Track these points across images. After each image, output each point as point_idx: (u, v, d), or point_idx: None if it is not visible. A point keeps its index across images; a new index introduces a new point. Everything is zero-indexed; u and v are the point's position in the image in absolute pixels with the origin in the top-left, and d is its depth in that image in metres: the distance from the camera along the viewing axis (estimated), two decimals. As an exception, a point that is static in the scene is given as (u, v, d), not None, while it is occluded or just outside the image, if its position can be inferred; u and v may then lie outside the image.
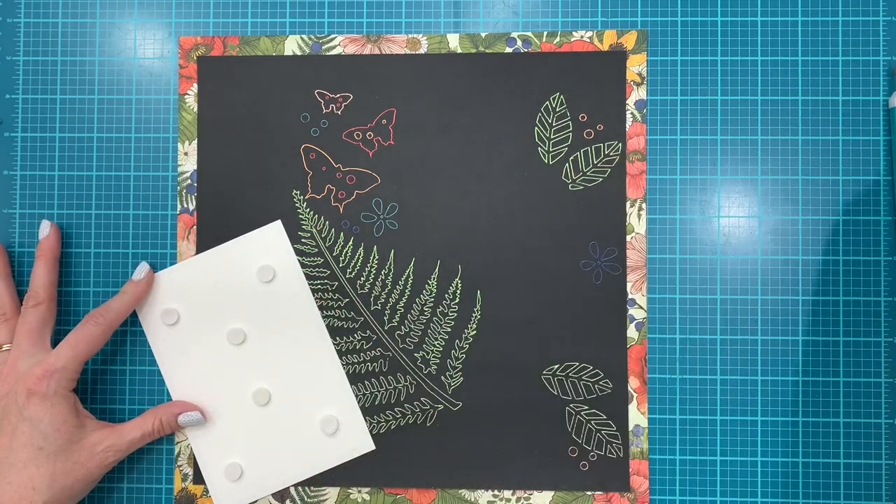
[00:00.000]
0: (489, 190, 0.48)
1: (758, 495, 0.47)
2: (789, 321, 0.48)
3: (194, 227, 0.49)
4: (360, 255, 0.49)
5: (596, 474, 0.48)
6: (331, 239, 0.49)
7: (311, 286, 0.48)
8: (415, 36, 0.49)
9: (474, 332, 0.48)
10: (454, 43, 0.49)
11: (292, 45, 0.49)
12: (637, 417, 0.48)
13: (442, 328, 0.48)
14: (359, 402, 0.48)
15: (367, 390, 0.48)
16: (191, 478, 0.48)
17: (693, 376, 0.48)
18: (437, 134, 0.49)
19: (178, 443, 0.49)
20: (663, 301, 0.48)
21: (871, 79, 0.48)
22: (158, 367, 0.48)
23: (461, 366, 0.48)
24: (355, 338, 0.49)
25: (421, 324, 0.48)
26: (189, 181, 0.49)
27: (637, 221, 0.48)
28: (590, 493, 0.48)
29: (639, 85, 0.48)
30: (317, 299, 0.48)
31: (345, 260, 0.49)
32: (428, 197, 0.48)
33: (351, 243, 0.49)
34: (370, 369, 0.48)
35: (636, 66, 0.48)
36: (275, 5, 0.49)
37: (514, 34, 0.49)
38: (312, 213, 0.49)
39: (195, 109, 0.49)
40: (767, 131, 0.48)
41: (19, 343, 0.45)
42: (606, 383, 0.48)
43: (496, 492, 0.48)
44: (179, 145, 0.49)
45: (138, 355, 0.49)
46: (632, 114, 0.48)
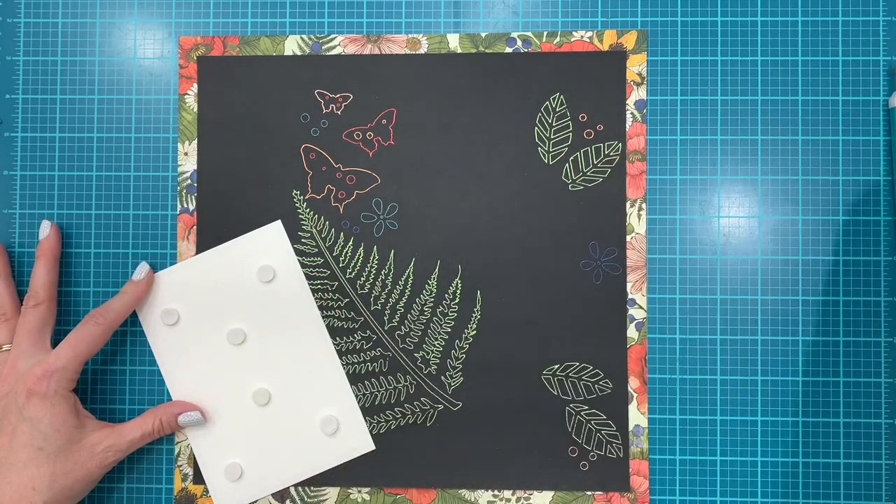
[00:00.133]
0: (489, 190, 0.48)
1: (758, 495, 0.47)
2: (789, 321, 0.48)
3: (194, 227, 0.49)
4: (360, 255, 0.49)
5: (596, 474, 0.48)
6: (331, 239, 0.49)
7: (311, 286, 0.48)
8: (415, 36, 0.49)
9: (474, 332, 0.48)
10: (454, 43, 0.49)
11: (292, 45, 0.49)
12: (637, 417, 0.48)
13: (442, 328, 0.48)
14: (359, 402, 0.48)
15: (367, 390, 0.48)
16: (191, 478, 0.48)
17: (693, 376, 0.48)
18: (437, 134, 0.49)
19: (178, 443, 0.49)
20: (663, 301, 0.48)
21: (871, 79, 0.48)
22: (158, 367, 0.48)
23: (461, 366, 0.48)
24: (355, 338, 0.49)
25: (421, 324, 0.48)
26: (189, 181, 0.49)
27: (637, 221, 0.48)
28: (590, 493, 0.48)
29: (639, 85, 0.48)
30: (317, 299, 0.48)
31: (345, 260, 0.49)
32: (428, 197, 0.48)
33: (351, 243, 0.49)
34: (370, 369, 0.48)
35: (636, 66, 0.48)
36: (275, 5, 0.49)
37: (514, 34, 0.49)
38: (312, 213, 0.49)
39: (195, 109, 0.49)
40: (767, 131, 0.48)
41: (19, 343, 0.45)
42: (606, 383, 0.48)
43: (496, 492, 0.48)
44: (179, 145, 0.49)
45: (138, 355, 0.49)
46: (632, 114, 0.48)
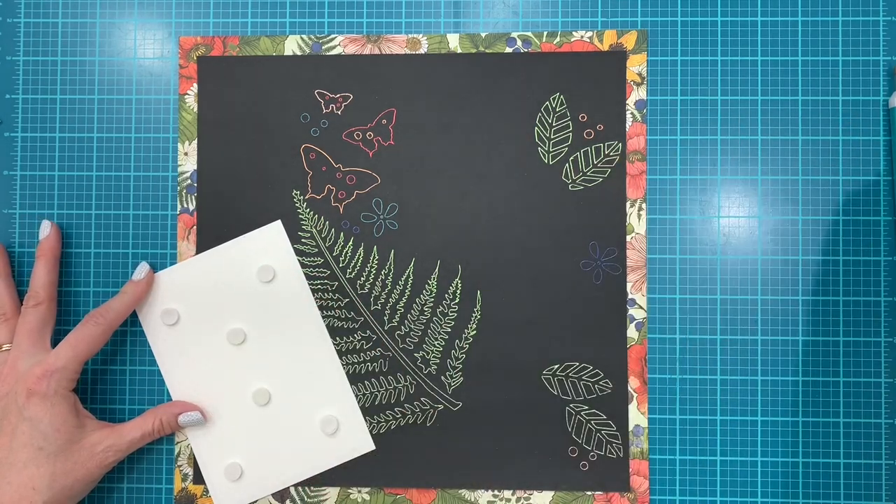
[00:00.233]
0: (489, 190, 0.48)
1: (758, 495, 0.47)
2: (789, 321, 0.48)
3: (194, 227, 0.49)
4: (360, 255, 0.49)
5: (596, 474, 0.48)
6: (331, 239, 0.49)
7: (311, 286, 0.48)
8: (415, 36, 0.49)
9: (474, 332, 0.48)
10: (454, 43, 0.49)
11: (292, 45, 0.49)
12: (637, 417, 0.48)
13: (442, 328, 0.48)
14: (359, 402, 0.48)
15: (367, 390, 0.48)
16: (191, 478, 0.48)
17: (693, 376, 0.48)
18: (437, 134, 0.49)
19: (178, 443, 0.49)
20: (663, 301, 0.48)
21: (871, 79, 0.48)
22: (158, 367, 0.48)
23: (461, 366, 0.48)
24: (355, 338, 0.48)
25: (421, 324, 0.48)
26: (189, 181, 0.49)
27: (637, 221, 0.48)
28: (590, 493, 0.47)
29: (639, 85, 0.48)
30: (317, 299, 0.48)
31: (345, 260, 0.49)
32: (428, 197, 0.48)
33: (351, 243, 0.49)
34: (370, 369, 0.48)
35: (636, 66, 0.48)
36: (275, 5, 0.49)
37: (514, 34, 0.49)
38: (312, 213, 0.49)
39: (195, 109, 0.49)
40: (767, 131, 0.48)
41: (19, 343, 0.45)
42: (606, 383, 0.48)
43: (496, 492, 0.48)
44: (179, 145, 0.49)
45: (138, 355, 0.49)
46: (632, 114, 0.48)
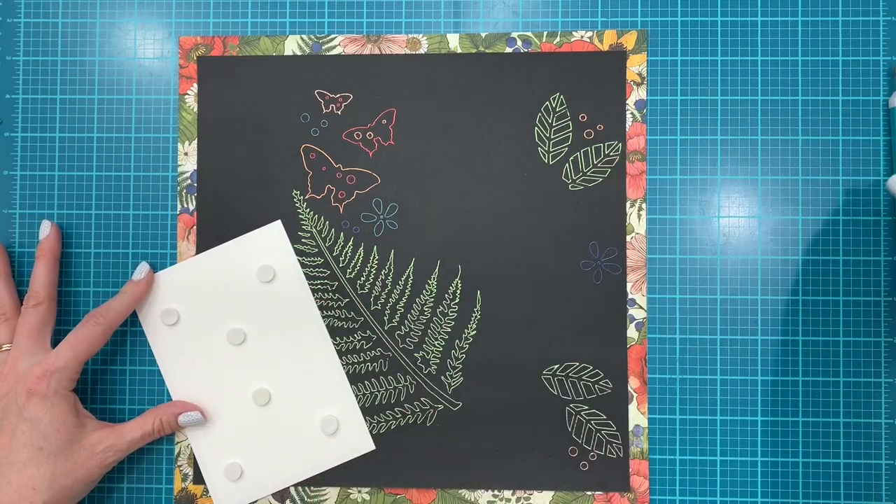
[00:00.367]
0: (489, 190, 0.48)
1: (758, 495, 0.47)
2: (789, 321, 0.48)
3: (194, 227, 0.49)
4: (360, 255, 0.49)
5: (596, 474, 0.48)
6: (331, 239, 0.49)
7: (311, 286, 0.48)
8: (415, 36, 0.49)
9: (474, 332, 0.48)
10: (454, 43, 0.49)
11: (292, 45, 0.49)
12: (637, 417, 0.48)
13: (442, 328, 0.48)
14: (359, 402, 0.48)
15: (367, 390, 0.48)
16: (191, 478, 0.48)
17: (693, 376, 0.48)
18: (437, 134, 0.49)
19: (178, 443, 0.49)
20: (663, 301, 0.48)
21: (871, 79, 0.48)
22: (158, 367, 0.48)
23: (461, 366, 0.48)
24: (355, 338, 0.48)
25: (421, 324, 0.48)
26: (189, 181, 0.49)
27: (637, 221, 0.48)
28: (590, 493, 0.47)
29: (639, 85, 0.48)
30: (317, 299, 0.48)
31: (345, 260, 0.49)
32: (428, 197, 0.48)
33: (351, 243, 0.49)
34: (370, 369, 0.48)
35: (636, 66, 0.48)
36: (275, 5, 0.49)
37: (514, 34, 0.49)
38: (312, 213, 0.49)
39: (195, 109, 0.49)
40: (767, 131, 0.48)
41: (19, 343, 0.45)
42: (606, 383, 0.48)
43: (496, 492, 0.48)
44: (179, 145, 0.49)
45: (138, 355, 0.49)
46: (632, 114, 0.48)
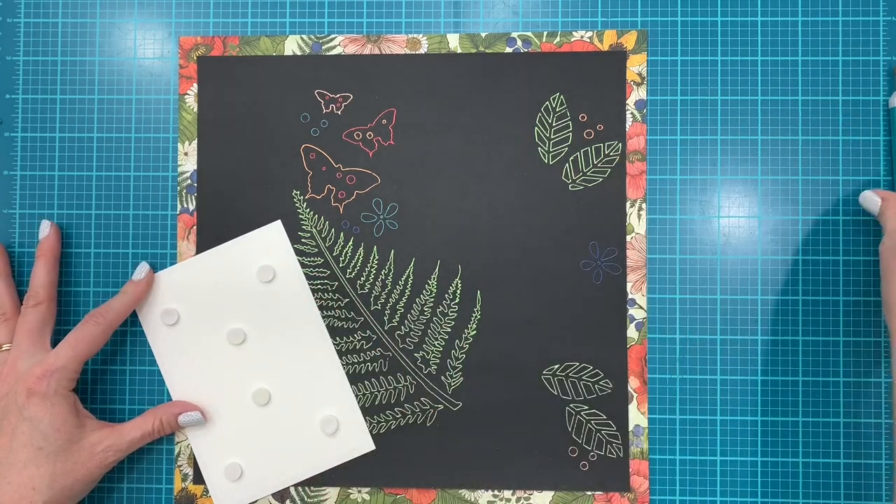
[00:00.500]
0: (489, 190, 0.48)
1: (758, 495, 0.47)
2: (789, 321, 0.48)
3: (194, 227, 0.49)
4: (360, 255, 0.49)
5: (596, 474, 0.48)
6: (331, 239, 0.49)
7: (311, 286, 0.48)
8: (415, 36, 0.49)
9: (474, 332, 0.48)
10: (454, 43, 0.49)
11: (292, 45, 0.49)
12: (637, 417, 0.48)
13: (442, 328, 0.48)
14: (359, 402, 0.48)
15: (367, 390, 0.48)
16: (191, 478, 0.48)
17: (693, 376, 0.48)
18: (437, 134, 0.49)
19: (178, 443, 0.49)
20: (663, 301, 0.48)
21: (871, 79, 0.48)
22: (158, 367, 0.48)
23: (461, 366, 0.48)
24: (355, 338, 0.48)
25: (421, 324, 0.48)
26: (189, 181, 0.49)
27: (637, 221, 0.48)
28: (590, 493, 0.47)
29: (639, 85, 0.48)
30: (317, 299, 0.48)
31: (345, 260, 0.49)
32: (428, 197, 0.48)
33: (351, 243, 0.49)
34: (370, 369, 0.48)
35: (636, 66, 0.48)
36: (275, 5, 0.49)
37: (514, 34, 0.49)
38: (312, 213, 0.49)
39: (195, 109, 0.49)
40: (767, 131, 0.48)
41: (19, 343, 0.45)
42: (606, 383, 0.48)
43: (496, 492, 0.48)
44: (179, 145, 0.49)
45: (138, 355, 0.49)
46: (632, 114, 0.48)
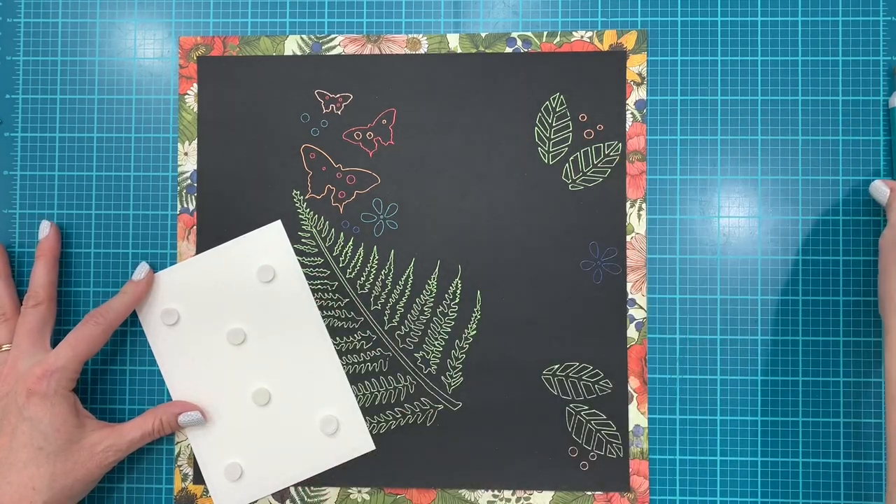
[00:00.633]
0: (489, 190, 0.48)
1: (757, 495, 0.47)
2: (789, 321, 0.48)
3: (194, 227, 0.49)
4: (360, 255, 0.49)
5: (596, 474, 0.48)
6: (331, 239, 0.49)
7: (311, 286, 0.48)
8: (415, 36, 0.49)
9: (474, 332, 0.48)
10: (454, 43, 0.49)
11: (292, 45, 0.49)
12: (637, 417, 0.48)
13: (442, 328, 0.48)
14: (359, 402, 0.48)
15: (367, 390, 0.48)
16: (191, 478, 0.48)
17: (693, 376, 0.48)
18: (437, 134, 0.49)
19: (178, 443, 0.49)
20: (663, 301, 0.48)
21: (871, 79, 0.48)
22: (158, 367, 0.48)
23: (461, 366, 0.48)
24: (355, 338, 0.48)
25: (421, 324, 0.48)
26: (189, 181, 0.49)
27: (637, 221, 0.48)
28: (590, 493, 0.47)
29: (639, 85, 0.48)
30: (317, 299, 0.48)
31: (345, 260, 0.49)
32: (428, 197, 0.48)
33: (351, 243, 0.49)
34: (370, 369, 0.48)
35: (636, 66, 0.48)
36: (275, 5, 0.49)
37: (514, 34, 0.49)
38: (312, 213, 0.49)
39: (195, 109, 0.49)
40: (767, 131, 0.48)
41: (19, 343, 0.45)
42: (606, 383, 0.48)
43: (496, 492, 0.48)
44: (179, 145, 0.49)
45: (138, 355, 0.49)
46: (632, 114, 0.48)
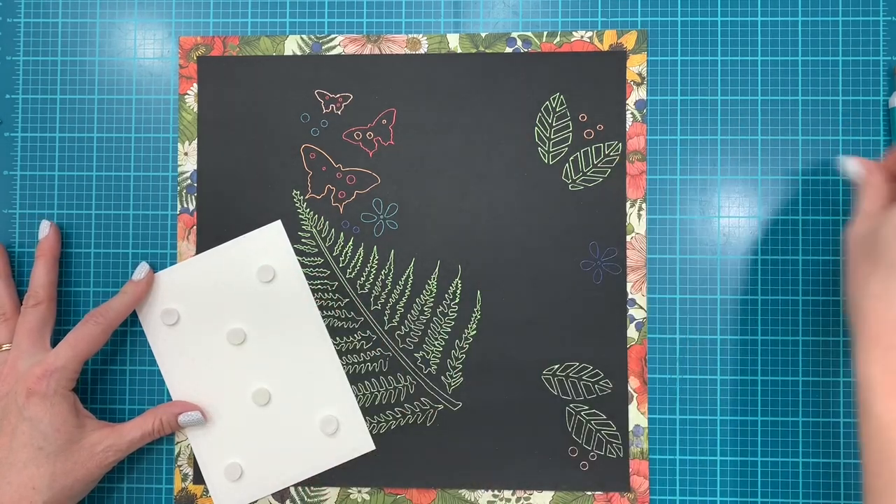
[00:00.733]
0: (489, 190, 0.48)
1: (758, 495, 0.47)
2: (789, 321, 0.48)
3: (194, 227, 0.49)
4: (360, 255, 0.49)
5: (596, 474, 0.48)
6: (331, 239, 0.49)
7: (311, 286, 0.48)
8: (415, 36, 0.49)
9: (474, 332, 0.48)
10: (454, 43, 0.49)
11: (292, 45, 0.49)
12: (637, 417, 0.48)
13: (442, 328, 0.48)
14: (359, 402, 0.48)
15: (367, 390, 0.48)
16: (191, 478, 0.48)
17: (693, 376, 0.48)
18: (437, 134, 0.49)
19: (178, 443, 0.49)
20: (663, 301, 0.48)
21: (871, 79, 0.48)
22: (158, 367, 0.48)
23: (461, 366, 0.48)
24: (355, 338, 0.48)
25: (421, 324, 0.48)
26: (189, 181, 0.49)
27: (637, 221, 0.48)
28: (590, 493, 0.47)
29: (639, 85, 0.48)
30: (317, 299, 0.48)
31: (345, 260, 0.49)
32: (428, 197, 0.48)
33: (351, 243, 0.49)
34: (370, 369, 0.48)
35: (636, 66, 0.48)
36: (275, 5, 0.49)
37: (514, 34, 0.49)
38: (312, 213, 0.49)
39: (195, 109, 0.49)
40: (767, 131, 0.48)
41: (19, 343, 0.45)
42: (606, 383, 0.48)
43: (496, 492, 0.48)
44: (179, 145, 0.49)
45: (138, 355, 0.49)
46: (632, 114, 0.48)
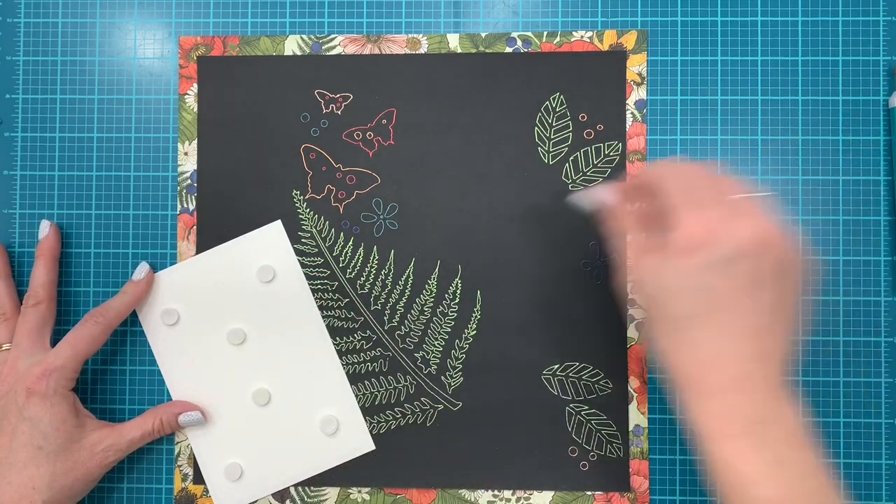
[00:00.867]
0: (489, 190, 0.48)
1: (758, 495, 0.47)
2: (789, 321, 0.48)
3: (194, 227, 0.49)
4: (360, 255, 0.49)
5: (596, 474, 0.47)
6: (331, 239, 0.49)
7: (311, 286, 0.48)
8: (415, 36, 0.49)
9: (474, 332, 0.48)
10: (454, 43, 0.49)
11: (292, 45, 0.49)
12: (637, 417, 0.48)
13: (442, 328, 0.48)
14: (359, 402, 0.48)
15: (367, 390, 0.48)
16: (191, 478, 0.48)
17: (693, 376, 0.48)
18: (437, 134, 0.49)
19: (178, 443, 0.49)
20: (663, 301, 0.48)
21: (871, 79, 0.48)
22: (158, 367, 0.48)
23: (461, 366, 0.48)
24: (355, 338, 0.48)
25: (421, 324, 0.48)
26: (189, 181, 0.49)
27: (637, 221, 0.48)
28: (590, 493, 0.47)
29: (639, 85, 0.48)
30: (317, 299, 0.48)
31: (345, 260, 0.49)
32: (428, 197, 0.48)
33: (351, 243, 0.49)
34: (370, 369, 0.48)
35: (636, 66, 0.48)
36: (275, 5, 0.49)
37: (514, 34, 0.49)
38: (312, 213, 0.49)
39: (195, 109, 0.49)
40: (767, 131, 0.48)
41: (19, 342, 0.45)
42: (606, 383, 0.48)
43: (496, 492, 0.48)
44: (179, 145, 0.49)
45: (138, 355, 0.49)
46: (632, 114, 0.48)
